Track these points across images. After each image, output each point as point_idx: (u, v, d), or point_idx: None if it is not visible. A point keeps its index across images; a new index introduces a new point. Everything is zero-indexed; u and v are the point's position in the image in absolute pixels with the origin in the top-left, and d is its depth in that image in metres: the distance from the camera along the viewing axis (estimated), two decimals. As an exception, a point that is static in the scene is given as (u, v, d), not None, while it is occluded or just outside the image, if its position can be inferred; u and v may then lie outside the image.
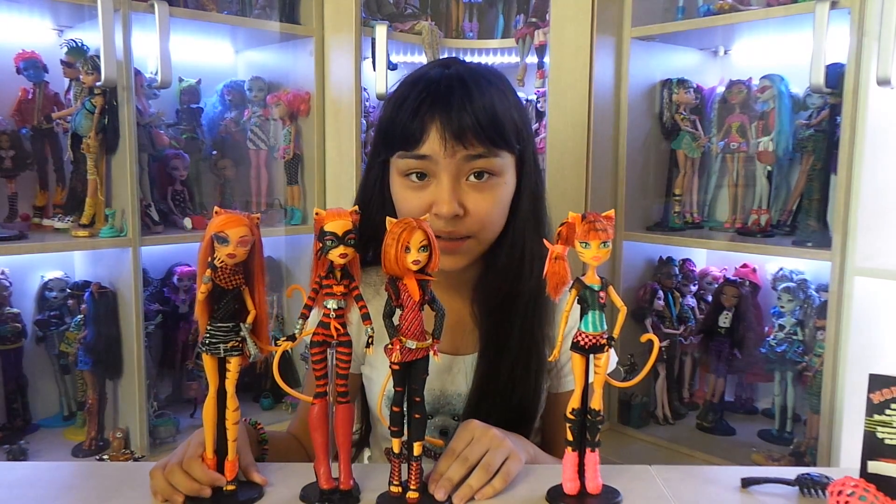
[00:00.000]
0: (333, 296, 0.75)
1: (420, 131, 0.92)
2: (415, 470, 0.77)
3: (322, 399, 0.78)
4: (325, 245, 0.73)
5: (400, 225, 0.73)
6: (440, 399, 1.04)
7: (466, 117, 0.91)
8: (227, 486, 0.78)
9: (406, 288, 0.74)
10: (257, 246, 0.76)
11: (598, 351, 0.76)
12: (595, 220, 0.74)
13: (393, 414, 0.77)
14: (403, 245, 0.72)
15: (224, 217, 0.73)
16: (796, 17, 1.60)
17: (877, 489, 0.70)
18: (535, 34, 2.01)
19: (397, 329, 0.75)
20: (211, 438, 0.78)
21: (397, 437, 0.77)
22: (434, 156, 0.92)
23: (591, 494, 0.78)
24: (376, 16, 2.00)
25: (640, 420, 1.97)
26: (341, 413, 0.78)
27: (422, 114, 0.92)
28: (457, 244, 0.95)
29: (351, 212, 0.74)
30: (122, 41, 1.60)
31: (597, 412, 0.78)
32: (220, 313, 0.75)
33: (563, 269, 0.76)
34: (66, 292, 1.80)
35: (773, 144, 1.77)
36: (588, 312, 0.76)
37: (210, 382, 0.77)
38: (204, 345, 0.76)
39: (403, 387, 0.76)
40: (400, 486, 0.78)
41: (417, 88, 0.94)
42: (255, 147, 2.01)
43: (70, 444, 1.73)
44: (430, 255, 0.74)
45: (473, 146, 0.92)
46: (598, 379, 0.78)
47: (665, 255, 2.04)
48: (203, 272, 0.74)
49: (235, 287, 0.75)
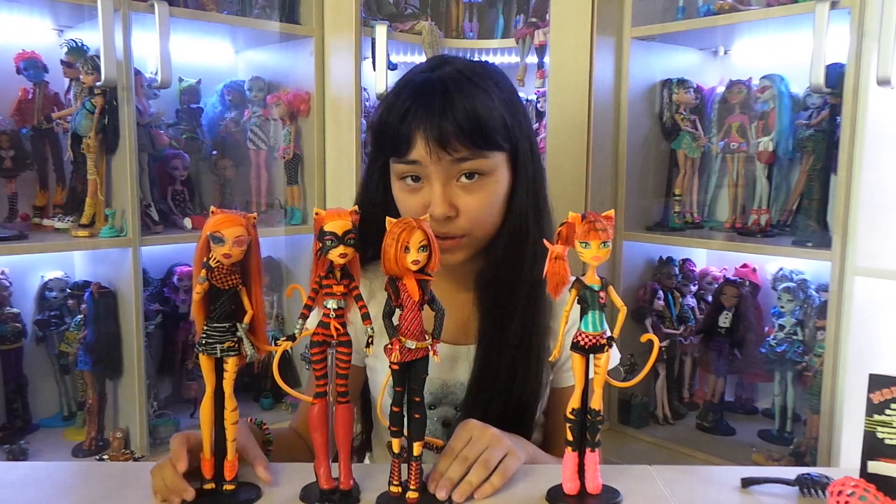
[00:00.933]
0: (333, 296, 0.75)
1: (407, 138, 0.94)
2: (414, 470, 0.77)
3: (322, 399, 0.78)
4: (324, 245, 0.73)
5: (399, 225, 0.73)
6: (442, 389, 1.05)
7: (447, 124, 0.92)
8: (227, 485, 0.78)
9: (406, 288, 0.74)
10: (254, 246, 0.76)
11: (598, 351, 0.76)
12: (595, 220, 0.74)
13: (392, 414, 0.77)
14: (403, 245, 0.72)
15: (220, 217, 0.73)
16: (796, 17, 1.60)
17: (877, 489, 0.70)
18: (535, 34, 2.01)
19: (397, 329, 0.75)
20: (209, 439, 0.78)
21: (397, 436, 0.77)
22: (422, 161, 0.94)
23: (591, 494, 0.78)
24: (376, 16, 2.00)
25: (640, 420, 1.97)
26: (341, 413, 0.78)
27: (407, 121, 0.94)
28: (452, 242, 0.97)
29: (351, 212, 0.74)
30: (122, 41, 1.60)
31: (597, 412, 0.78)
32: (216, 313, 0.75)
33: (563, 269, 0.76)
34: (66, 292, 1.80)
35: (773, 144, 1.77)
36: (588, 312, 0.76)
37: (207, 383, 0.77)
38: (200, 345, 0.76)
39: (403, 386, 0.76)
40: (400, 486, 0.78)
41: (402, 96, 0.96)
42: (255, 147, 2.01)
43: (70, 444, 1.73)
44: (430, 256, 0.74)
45: (457, 151, 0.93)
46: (598, 379, 0.78)
47: (665, 255, 2.04)
48: (199, 272, 0.74)
49: (232, 287, 0.75)
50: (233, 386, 0.77)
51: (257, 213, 0.76)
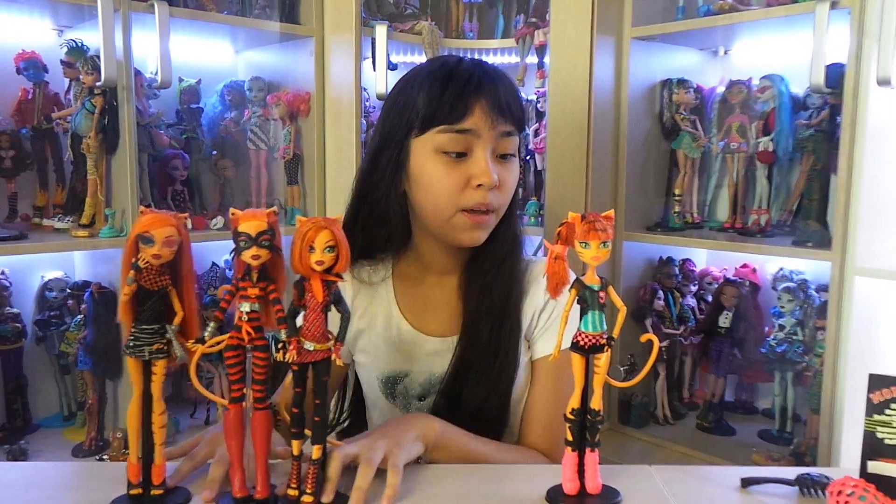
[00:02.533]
0: (247, 298, 0.73)
1: (465, 106, 0.98)
2: (311, 473, 0.75)
3: (237, 404, 0.76)
4: (238, 246, 0.72)
5: (307, 224, 0.72)
6: (430, 380, 1.08)
7: (506, 95, 1.01)
8: (154, 490, 0.77)
9: (310, 288, 0.73)
10: (185, 246, 0.74)
11: (597, 351, 0.76)
12: (595, 220, 0.74)
13: (293, 415, 0.75)
14: (308, 244, 0.71)
15: (149, 217, 0.71)
16: (796, 17, 1.59)
17: (877, 489, 0.70)
18: (535, 34, 2.01)
19: (298, 330, 0.73)
20: (135, 444, 0.76)
21: (297, 438, 0.75)
22: (477, 129, 0.99)
23: (591, 494, 0.78)
24: (376, 16, 2.00)
25: (640, 420, 1.97)
26: (258, 419, 0.76)
27: (469, 89, 0.98)
28: (484, 218, 1.02)
29: (268, 213, 0.73)
30: (122, 41, 1.60)
31: (596, 412, 0.78)
32: (145, 315, 0.74)
33: (563, 270, 0.76)
34: (66, 292, 1.80)
35: (773, 144, 1.77)
36: (588, 312, 0.76)
37: (135, 386, 0.75)
38: (128, 347, 0.74)
39: (303, 388, 0.75)
40: (297, 490, 0.75)
41: (461, 68, 1.01)
42: (255, 147, 2.01)
43: (70, 444, 1.73)
44: (338, 257, 0.72)
45: (509, 123, 1.01)
46: (598, 379, 0.77)
47: (665, 255, 2.03)
48: (127, 273, 0.73)
49: (161, 288, 0.74)
50: (161, 389, 0.75)
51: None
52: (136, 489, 0.77)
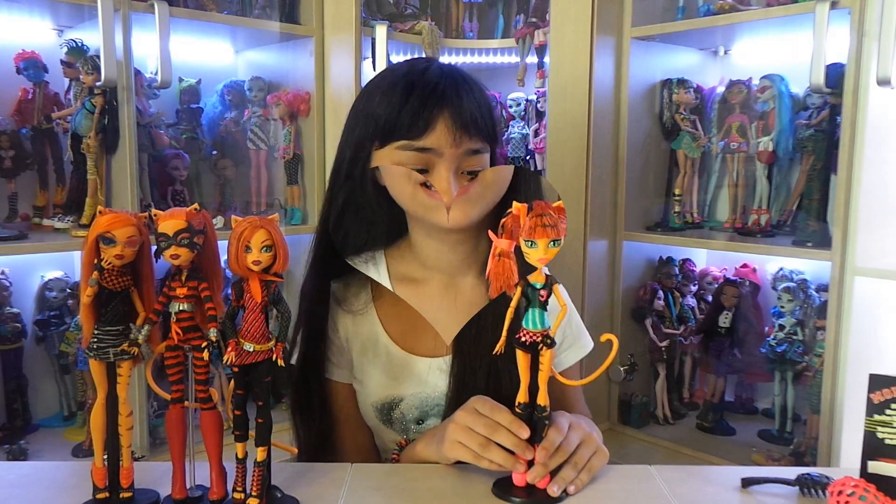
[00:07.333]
0: (176, 298, 0.73)
1: (426, 121, 0.90)
2: (256, 476, 0.74)
3: (177, 405, 0.76)
4: (158, 246, 0.71)
5: (243, 223, 0.71)
6: (426, 402, 1.03)
7: (473, 108, 0.92)
8: (123, 493, 0.76)
9: (248, 288, 0.72)
10: (146, 246, 0.74)
11: (548, 347, 0.77)
12: (543, 212, 0.70)
13: (236, 417, 0.74)
14: (244, 244, 0.70)
15: (110, 217, 0.71)
16: (796, 17, 1.59)
17: (877, 489, 0.70)
18: (535, 34, 2.01)
19: (237, 331, 0.73)
20: (100, 448, 0.76)
21: (240, 441, 0.74)
22: (439, 148, 0.91)
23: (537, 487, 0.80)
24: (376, 16, 2.00)
25: (640, 420, 1.97)
26: (205, 419, 0.76)
27: (431, 104, 0.90)
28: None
29: (188, 211, 0.72)
30: (122, 41, 1.59)
31: (543, 408, 0.79)
32: (108, 316, 0.73)
33: (509, 269, 0.74)
34: (66, 292, 1.80)
35: (773, 144, 1.77)
36: (528, 310, 0.76)
37: (99, 389, 0.75)
38: (91, 350, 0.73)
39: (245, 389, 0.74)
40: (242, 493, 0.75)
41: (426, 77, 0.93)
42: (255, 147, 2.01)
43: (70, 444, 1.72)
44: (276, 257, 0.71)
45: (475, 140, 0.93)
46: (542, 375, 0.78)
47: (665, 255, 2.03)
48: (88, 274, 0.72)
49: (124, 289, 0.73)
50: (127, 390, 0.75)
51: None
52: (103, 493, 0.76)
